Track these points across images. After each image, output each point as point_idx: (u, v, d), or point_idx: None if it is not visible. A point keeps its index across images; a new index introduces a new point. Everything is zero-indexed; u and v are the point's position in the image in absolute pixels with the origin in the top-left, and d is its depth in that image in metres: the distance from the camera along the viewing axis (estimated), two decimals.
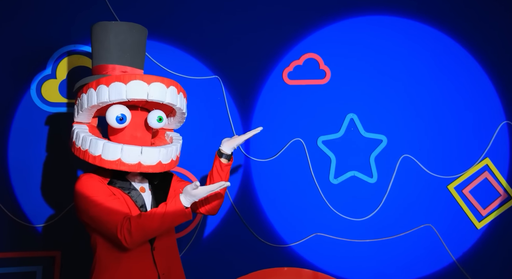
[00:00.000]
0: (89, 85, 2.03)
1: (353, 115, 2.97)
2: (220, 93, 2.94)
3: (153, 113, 2.06)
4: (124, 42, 2.13)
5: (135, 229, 1.95)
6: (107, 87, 1.96)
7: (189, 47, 2.91)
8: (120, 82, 1.95)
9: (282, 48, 2.95)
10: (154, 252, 2.12)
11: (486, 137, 3.00)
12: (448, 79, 3.01)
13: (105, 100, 1.97)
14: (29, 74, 2.78)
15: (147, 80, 1.97)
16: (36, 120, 2.78)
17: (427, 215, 2.98)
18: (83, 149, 2.02)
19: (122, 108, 2.01)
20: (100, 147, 1.96)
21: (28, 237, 2.76)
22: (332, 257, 2.96)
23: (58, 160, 2.79)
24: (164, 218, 1.98)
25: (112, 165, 1.98)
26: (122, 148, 1.96)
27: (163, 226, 2.00)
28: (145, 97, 1.97)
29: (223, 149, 2.26)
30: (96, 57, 2.14)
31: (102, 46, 2.12)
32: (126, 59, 2.14)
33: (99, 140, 1.98)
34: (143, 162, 1.99)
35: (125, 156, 1.96)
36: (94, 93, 1.98)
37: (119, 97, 1.95)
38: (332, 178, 2.97)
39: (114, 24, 2.13)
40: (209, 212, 2.34)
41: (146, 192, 2.17)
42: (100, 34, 2.13)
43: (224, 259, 2.91)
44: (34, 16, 2.79)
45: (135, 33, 2.17)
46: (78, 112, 2.08)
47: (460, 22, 3.01)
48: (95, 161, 1.99)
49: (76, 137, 2.06)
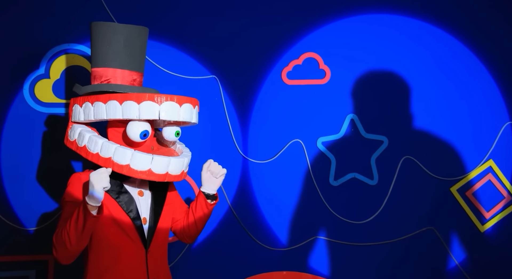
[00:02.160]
0: (111, 96, 2.05)
1: (353, 116, 2.97)
2: (218, 94, 2.93)
3: (171, 128, 2.15)
4: (133, 46, 2.16)
5: (57, 245, 1.95)
6: (137, 105, 2.01)
7: (186, 46, 2.91)
8: (153, 102, 2.01)
9: (281, 47, 2.95)
10: (148, 256, 2.11)
11: (490, 138, 2.99)
12: (451, 78, 3.00)
13: (135, 117, 2.02)
14: (22, 73, 2.77)
15: (179, 102, 2.06)
16: (29, 121, 2.78)
17: (429, 218, 2.97)
18: (91, 151, 2.06)
19: (146, 124, 2.06)
20: (112, 150, 2.02)
21: (20, 241, 2.76)
22: (332, 261, 2.96)
23: (51, 161, 2.79)
24: (77, 229, 1.91)
25: (122, 170, 2.01)
26: (133, 153, 2.01)
27: (79, 236, 1.92)
28: (176, 118, 2.06)
29: (207, 191, 2.23)
30: (103, 59, 2.14)
31: (111, 49, 2.13)
32: (135, 64, 2.17)
33: (111, 143, 2.04)
34: (154, 170, 2.04)
35: (135, 162, 2.01)
36: (119, 108, 2.02)
37: (151, 116, 2.02)
38: (332, 180, 2.96)
39: (125, 27, 2.15)
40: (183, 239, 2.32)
41: (145, 197, 2.15)
42: (111, 36, 2.13)
43: (221, 263, 2.91)
44: (27, 14, 2.79)
45: (143, 36, 2.20)
46: (86, 117, 2.10)
47: (463, 21, 3.00)
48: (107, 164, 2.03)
49: (80, 137, 2.09)
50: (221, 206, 2.91)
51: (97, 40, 2.16)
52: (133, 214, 2.08)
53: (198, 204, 2.22)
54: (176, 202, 2.28)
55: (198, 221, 2.23)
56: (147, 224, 2.11)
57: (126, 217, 2.07)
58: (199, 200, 2.22)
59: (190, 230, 2.26)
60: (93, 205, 1.88)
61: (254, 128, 2.94)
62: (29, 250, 2.75)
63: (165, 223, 2.19)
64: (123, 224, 2.05)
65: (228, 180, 2.90)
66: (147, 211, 2.13)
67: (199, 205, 2.22)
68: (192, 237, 2.29)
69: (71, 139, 2.15)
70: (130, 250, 2.07)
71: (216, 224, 2.92)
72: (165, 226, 2.18)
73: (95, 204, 1.89)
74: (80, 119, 2.13)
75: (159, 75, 2.87)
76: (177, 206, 2.28)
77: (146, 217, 2.12)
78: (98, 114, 2.07)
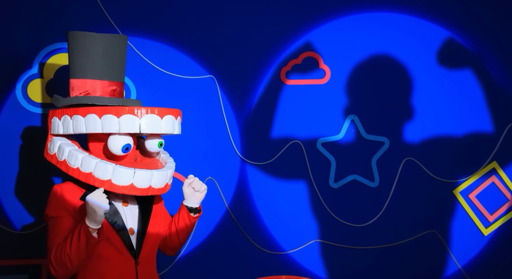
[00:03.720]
0: (90, 110, 2.03)
1: (353, 117, 2.97)
2: (215, 94, 2.92)
3: (154, 140, 2.13)
4: (112, 55, 2.15)
5: (56, 265, 1.96)
6: (117, 118, 2.00)
7: (183, 45, 2.90)
8: (134, 115, 2.00)
9: (279, 46, 2.95)
10: (138, 267, 2.10)
11: (493, 139, 2.99)
12: (453, 78, 3.00)
13: (115, 131, 2.01)
14: (14, 73, 2.76)
15: (160, 114, 2.05)
16: (22, 122, 2.76)
17: (432, 221, 2.98)
18: (71, 165, 2.05)
19: (127, 138, 2.05)
20: (92, 165, 2.01)
21: (13, 245, 2.74)
22: (331, 265, 2.96)
23: (45, 163, 2.66)
24: (79, 251, 1.93)
25: (103, 185, 2.00)
26: (114, 168, 2.00)
27: (81, 258, 1.95)
28: (158, 131, 2.05)
29: (190, 205, 2.22)
30: (82, 70, 2.13)
31: (89, 60, 2.12)
32: (114, 74, 2.16)
33: (92, 158, 2.03)
34: (136, 185, 2.02)
35: (116, 177, 2.00)
36: (99, 121, 2.01)
37: (131, 130, 2.01)
38: (332, 182, 2.96)
39: (103, 37, 2.13)
40: (165, 251, 2.31)
41: (129, 207, 2.14)
42: (89, 46, 2.11)
43: (219, 267, 2.91)
44: (19, 13, 2.77)
45: (122, 45, 2.19)
46: (65, 131, 2.09)
47: (466, 20, 2.99)
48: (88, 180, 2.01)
49: (60, 151, 2.08)
50: (219, 209, 2.91)
51: (74, 51, 2.13)
52: (119, 225, 2.07)
53: (181, 217, 2.22)
54: (162, 214, 2.27)
55: (180, 233, 2.23)
56: (134, 234, 2.10)
57: (111, 229, 2.06)
58: (181, 213, 2.22)
59: (172, 242, 2.25)
60: (94, 227, 1.91)
61: (252, 129, 2.93)
62: (22, 254, 2.74)
63: (154, 232, 2.17)
64: (110, 237, 2.04)
65: (226, 182, 2.91)
66: (133, 221, 2.12)
67: (182, 218, 2.22)
68: (174, 249, 2.30)
69: (51, 153, 2.13)
70: (119, 262, 2.06)
71: (214, 227, 2.91)
72: (154, 235, 2.17)
73: (96, 226, 1.91)
74: (59, 132, 2.11)
75: (155, 75, 2.87)
76: (163, 218, 2.27)
77: (133, 227, 2.11)
78: (78, 127, 2.05)
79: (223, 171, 2.90)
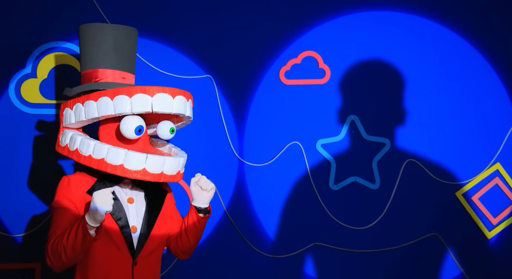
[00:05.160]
0: (102, 93, 2.05)
1: (354, 117, 2.96)
2: (213, 94, 2.92)
3: (165, 124, 2.12)
4: (123, 46, 2.18)
5: (52, 255, 1.96)
6: (129, 98, 2.01)
7: (180, 45, 2.90)
8: (145, 94, 2.01)
9: (278, 45, 2.94)
10: (135, 268, 2.07)
11: (497, 140, 3.00)
12: (456, 79, 3.01)
13: (127, 111, 2.01)
14: (7, 73, 2.76)
15: (172, 93, 2.06)
16: (15, 122, 2.76)
17: (434, 223, 2.99)
18: (83, 153, 2.05)
19: (140, 119, 2.05)
20: (104, 151, 2.02)
21: (6, 248, 2.74)
22: (331, 268, 2.96)
23: (38, 165, 2.77)
24: (74, 246, 1.92)
25: (115, 170, 2.01)
26: (126, 153, 2.01)
27: (76, 252, 1.94)
28: (170, 110, 2.05)
29: (199, 205, 2.18)
30: (93, 60, 2.16)
31: (101, 50, 2.14)
32: (125, 65, 2.19)
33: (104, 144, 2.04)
34: (148, 170, 2.03)
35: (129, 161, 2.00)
36: (111, 103, 2.02)
37: (143, 109, 2.01)
38: (332, 184, 2.96)
39: (113, 27, 2.17)
40: (177, 255, 2.29)
41: (135, 203, 2.12)
42: (100, 36, 2.14)
43: (216, 271, 2.90)
44: (13, 11, 2.77)
45: (132, 37, 2.21)
46: (77, 119, 2.10)
47: (468, 18, 3.00)
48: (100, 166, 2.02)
49: (71, 141, 2.10)
50: (216, 211, 2.90)
51: (86, 42, 2.17)
52: (122, 222, 2.06)
53: (190, 218, 2.19)
54: (173, 215, 2.25)
55: (190, 236, 2.20)
56: (137, 233, 2.08)
57: (115, 225, 2.05)
58: (190, 214, 2.19)
59: (184, 245, 2.23)
60: (93, 225, 1.89)
61: (250, 130, 2.93)
62: (16, 258, 2.74)
63: (159, 233, 2.15)
64: (111, 233, 2.03)
65: (224, 184, 2.91)
66: (137, 219, 2.10)
67: (191, 219, 2.19)
68: (186, 252, 2.27)
69: (62, 145, 2.14)
70: (116, 259, 2.05)
71: (211, 230, 2.91)
72: (158, 236, 2.14)
73: (94, 224, 1.89)
74: (71, 121, 2.12)
75: (152, 74, 2.86)
76: (174, 220, 2.24)
77: (135, 225, 2.09)
78: (90, 113, 2.06)
79: (221, 172, 2.89)
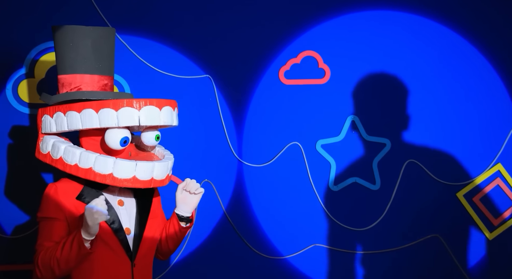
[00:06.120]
0: (86, 105, 2.02)
1: (354, 117, 2.96)
2: (212, 94, 2.90)
3: (150, 133, 2.11)
4: (102, 49, 2.14)
5: (43, 268, 1.94)
6: (115, 112, 1.99)
7: (178, 44, 2.88)
8: (132, 108, 1.99)
9: (278, 45, 2.93)
10: (134, 269, 2.06)
11: (498, 141, 3.01)
12: (456, 78, 3.01)
13: (113, 125, 1.99)
14: (4, 72, 2.73)
15: (158, 105, 2.04)
16: (13, 122, 2.74)
17: (434, 225, 2.99)
18: (69, 162, 2.03)
19: (125, 131, 2.04)
20: (92, 160, 2.00)
21: (3, 250, 2.72)
22: (331, 270, 2.96)
23: (36, 165, 2.72)
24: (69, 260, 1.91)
25: (104, 179, 1.99)
26: (115, 162, 1.99)
27: (70, 266, 1.93)
28: (157, 122, 2.04)
29: (181, 213, 2.17)
30: (72, 65, 2.11)
31: (79, 55, 2.10)
32: (105, 68, 2.15)
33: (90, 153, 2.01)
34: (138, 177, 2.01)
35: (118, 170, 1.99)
36: (96, 116, 1.99)
37: (130, 123, 1.99)
38: (332, 185, 2.95)
39: (92, 30, 2.13)
40: (156, 255, 2.26)
41: (125, 206, 2.11)
42: (78, 40, 2.10)
43: (215, 272, 2.89)
44: (10, 9, 2.75)
45: (111, 38, 2.18)
46: (59, 128, 2.06)
47: (469, 18, 3.01)
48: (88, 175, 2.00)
49: (54, 149, 2.06)
50: (215, 212, 2.90)
51: (63, 46, 2.11)
52: (116, 225, 2.05)
53: (171, 226, 2.19)
54: (159, 215, 2.24)
55: (170, 242, 2.20)
56: (131, 234, 2.08)
57: (108, 229, 2.03)
58: (172, 222, 2.19)
59: (163, 247, 2.23)
60: (88, 238, 1.89)
61: (249, 130, 2.92)
62: (13, 260, 2.73)
63: (151, 232, 2.14)
64: (106, 237, 2.01)
65: (223, 184, 2.91)
66: (129, 221, 2.09)
67: (172, 227, 2.18)
68: (164, 254, 2.27)
69: (43, 152, 2.11)
70: (115, 263, 2.03)
71: (210, 231, 2.90)
72: (151, 236, 2.14)
73: (89, 238, 1.89)
74: (52, 130, 2.09)
75: (150, 74, 2.85)
76: (160, 220, 2.23)
77: (129, 227, 2.08)
78: (73, 124, 2.02)
79: (220, 173, 2.89)
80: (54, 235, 1.98)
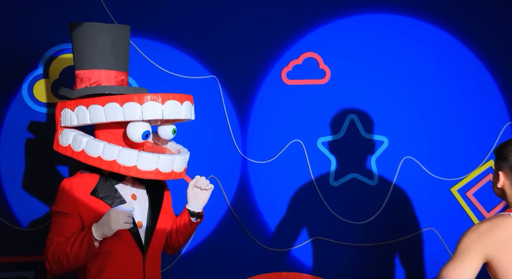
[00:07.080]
0: (110, 98, 2.02)
1: (353, 116, 2.97)
2: (217, 93, 2.92)
3: (168, 126, 2.12)
4: (120, 45, 2.15)
5: (52, 262, 1.97)
6: (140, 106, 2.00)
7: (185, 46, 2.89)
8: (156, 102, 2.01)
9: (280, 47, 2.94)
10: (146, 262, 2.08)
11: (490, 138, 3.00)
12: (451, 78, 3.01)
13: (137, 118, 2.00)
14: (21, 73, 2.76)
15: (180, 100, 2.06)
16: (28, 121, 2.76)
17: (430, 218, 2.98)
18: (92, 155, 2.03)
19: (147, 124, 2.05)
20: (116, 153, 2.01)
21: (19, 241, 2.74)
22: (331, 261, 2.96)
23: (51, 162, 2.77)
24: (78, 256, 1.93)
25: (129, 171, 2.00)
26: (139, 154, 2.00)
27: (78, 262, 1.96)
28: (178, 116, 2.06)
29: (192, 209, 2.17)
30: (91, 61, 2.11)
31: (99, 50, 2.11)
32: (122, 64, 2.17)
33: (114, 146, 2.02)
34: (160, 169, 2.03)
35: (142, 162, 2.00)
36: (120, 109, 2.00)
37: (154, 116, 2.01)
38: (332, 180, 2.96)
39: (111, 27, 2.14)
40: (165, 249, 2.27)
41: (138, 199, 2.12)
42: (98, 36, 2.11)
43: (220, 264, 2.90)
44: (25, 13, 2.76)
45: (126, 35, 2.19)
46: (81, 121, 2.06)
47: (463, 21, 3.00)
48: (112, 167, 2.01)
49: (75, 142, 2.06)
50: (221, 207, 2.90)
51: (82, 42, 2.12)
52: None
53: (182, 220, 2.18)
54: (170, 211, 2.25)
55: (180, 236, 2.20)
56: (143, 228, 2.08)
57: None
58: (183, 217, 2.18)
59: (172, 243, 2.23)
60: (98, 238, 1.90)
61: (253, 128, 2.93)
62: (28, 251, 2.73)
63: (163, 227, 2.15)
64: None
65: (228, 180, 2.90)
66: (141, 215, 2.10)
67: (183, 221, 2.18)
68: (173, 249, 2.27)
69: (63, 145, 2.09)
70: (127, 256, 2.04)
71: (216, 225, 2.90)
72: (162, 231, 2.14)
73: (100, 238, 1.91)
74: (73, 123, 2.08)
75: (158, 75, 2.86)
76: (170, 215, 2.24)
77: (141, 220, 2.09)
78: (96, 117, 2.03)
79: (225, 169, 2.89)
80: (65, 231, 1.98)
